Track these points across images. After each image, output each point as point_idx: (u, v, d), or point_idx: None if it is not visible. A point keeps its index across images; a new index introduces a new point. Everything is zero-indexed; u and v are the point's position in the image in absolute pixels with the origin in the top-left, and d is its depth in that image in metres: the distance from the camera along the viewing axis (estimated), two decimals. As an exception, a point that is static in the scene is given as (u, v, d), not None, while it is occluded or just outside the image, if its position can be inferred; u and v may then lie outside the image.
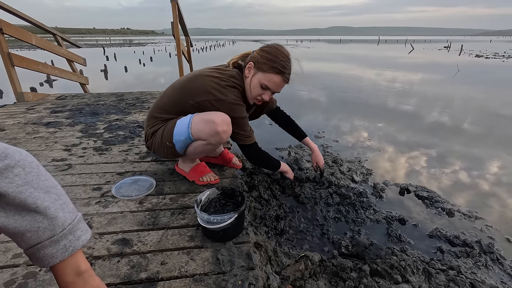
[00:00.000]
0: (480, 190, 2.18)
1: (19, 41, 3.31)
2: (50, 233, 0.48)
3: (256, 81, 1.19)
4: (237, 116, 1.20)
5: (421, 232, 1.66)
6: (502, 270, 1.39)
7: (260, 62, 1.17)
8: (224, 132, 1.15)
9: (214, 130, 1.13)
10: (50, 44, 3.66)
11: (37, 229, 0.46)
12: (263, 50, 1.19)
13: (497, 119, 4.12)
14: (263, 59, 1.16)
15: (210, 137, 1.16)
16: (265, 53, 1.17)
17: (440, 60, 14.76)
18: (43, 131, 2.14)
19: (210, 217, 0.97)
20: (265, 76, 1.17)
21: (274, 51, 1.17)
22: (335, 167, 2.40)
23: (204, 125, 1.15)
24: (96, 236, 1.02)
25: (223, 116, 1.15)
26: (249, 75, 1.21)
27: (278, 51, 1.18)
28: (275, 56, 1.16)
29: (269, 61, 1.15)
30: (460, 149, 2.98)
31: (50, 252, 0.48)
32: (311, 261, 1.25)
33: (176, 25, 3.38)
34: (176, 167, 1.50)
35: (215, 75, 1.20)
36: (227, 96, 1.17)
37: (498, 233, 1.68)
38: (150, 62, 13.73)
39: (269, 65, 1.15)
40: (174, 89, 1.29)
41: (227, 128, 1.15)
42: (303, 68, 1.23)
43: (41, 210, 0.46)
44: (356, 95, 5.86)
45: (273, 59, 1.15)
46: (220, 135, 1.14)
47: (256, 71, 1.19)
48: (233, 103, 1.18)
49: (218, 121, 1.13)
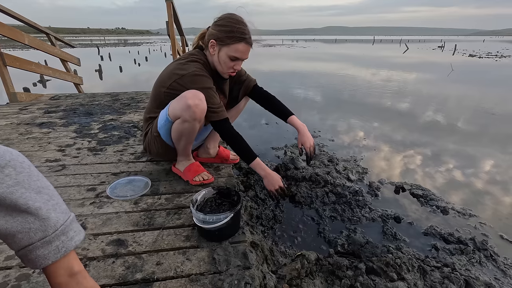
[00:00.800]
0: (474, 188, 2.21)
1: (12, 40, 3.27)
2: (42, 234, 0.47)
3: (223, 55, 1.22)
4: (201, 86, 1.19)
5: (416, 230, 1.68)
6: (496, 266, 1.41)
7: (220, 37, 1.19)
8: (196, 105, 1.14)
9: (186, 104, 1.14)
10: (44, 43, 3.62)
11: (28, 230, 0.46)
12: (218, 24, 1.21)
13: (490, 117, 4.17)
14: (222, 33, 1.18)
15: (183, 111, 1.16)
16: (221, 27, 1.19)
17: (434, 60, 14.90)
18: (36, 131, 2.12)
19: (206, 216, 0.96)
20: (229, 48, 1.20)
21: (228, 21, 1.19)
22: (331, 166, 2.41)
23: (177, 103, 1.19)
24: (90, 237, 1.01)
25: (194, 92, 1.16)
26: (215, 52, 1.23)
27: (232, 19, 1.19)
28: (231, 26, 1.17)
29: (228, 33, 1.17)
30: (454, 148, 3.01)
31: (42, 253, 0.48)
32: (307, 260, 1.25)
33: (171, 25, 3.36)
34: (172, 167, 1.49)
35: (176, 60, 1.28)
36: (188, 69, 1.20)
37: (491, 230, 1.70)
38: (145, 62, 13.65)
39: (229, 36, 1.18)
40: (152, 88, 1.37)
41: (198, 102, 1.14)
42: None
43: (33, 210, 0.46)
44: (351, 94, 5.89)
45: (231, 29, 1.17)
46: (192, 109, 1.14)
47: (220, 46, 1.21)
48: (195, 74, 1.20)
49: (189, 95, 1.15)
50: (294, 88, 6.30)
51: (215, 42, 1.21)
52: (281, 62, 13.42)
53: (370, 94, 5.85)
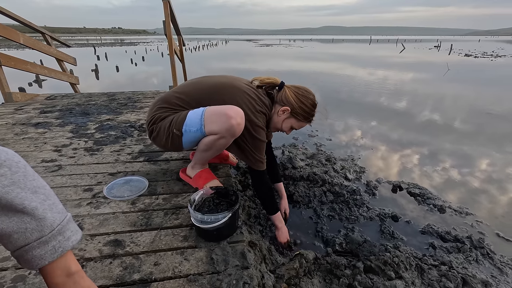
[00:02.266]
0: (470, 187, 2.22)
1: (7, 40, 3.24)
2: (38, 234, 0.47)
3: (288, 124, 1.30)
4: (259, 138, 1.20)
5: (413, 229, 1.68)
6: (492, 264, 1.42)
7: (297, 113, 1.25)
8: (239, 124, 1.12)
9: (229, 123, 1.11)
10: (39, 43, 3.58)
11: (24, 230, 0.45)
12: (300, 100, 1.24)
13: (486, 116, 4.21)
14: (301, 110, 1.25)
15: (224, 130, 1.13)
16: (302, 104, 1.24)
17: (430, 59, 14.99)
18: (32, 131, 2.10)
19: (204, 216, 0.96)
20: (298, 123, 1.30)
21: (310, 103, 1.26)
22: (329, 165, 2.41)
23: (217, 118, 1.13)
24: (87, 238, 1.00)
25: (236, 109, 1.13)
26: (283, 116, 1.28)
27: (313, 103, 1.27)
28: (310, 110, 1.26)
29: (305, 113, 1.26)
30: (450, 147, 3.03)
31: (39, 253, 0.47)
32: (305, 259, 1.26)
33: (168, 24, 3.35)
34: (180, 174, 1.44)
35: (251, 95, 1.22)
36: (258, 120, 1.20)
37: (488, 228, 1.71)
38: (142, 61, 13.59)
39: (304, 116, 1.27)
40: (202, 89, 1.26)
41: (241, 121, 1.13)
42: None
43: (29, 210, 0.45)
44: (348, 94, 5.91)
45: (309, 112, 1.26)
46: (234, 128, 1.12)
47: (291, 116, 1.27)
48: (260, 127, 1.21)
49: (232, 114, 1.11)
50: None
51: (289, 111, 1.25)
52: (279, 62, 13.42)
53: (367, 94, 5.87)
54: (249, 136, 1.19)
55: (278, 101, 1.27)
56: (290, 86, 1.29)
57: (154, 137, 1.28)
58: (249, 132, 1.18)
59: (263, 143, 1.23)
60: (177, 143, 1.23)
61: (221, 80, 1.27)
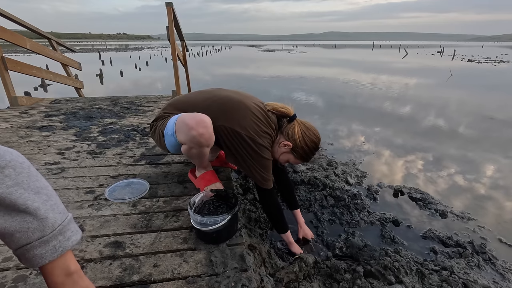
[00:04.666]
0: (473, 192, 2.21)
1: (15, 46, 3.30)
2: (40, 234, 0.48)
3: (286, 158, 1.27)
4: (264, 156, 1.17)
5: (414, 233, 1.68)
6: (494, 270, 1.40)
7: (297, 151, 1.23)
8: (201, 135, 1.09)
9: (190, 135, 1.10)
10: (45, 48, 3.65)
11: (26, 229, 0.47)
12: (305, 140, 1.21)
13: (490, 122, 4.19)
14: (301, 150, 1.22)
15: (188, 141, 1.13)
16: (305, 145, 1.22)
17: (433, 65, 14.98)
18: (36, 135, 2.13)
19: (203, 218, 0.97)
20: (295, 160, 1.27)
21: (313, 146, 1.23)
22: (330, 170, 2.41)
23: (182, 127, 1.13)
24: (88, 239, 1.01)
25: (199, 119, 1.10)
26: (283, 149, 1.25)
27: (316, 146, 1.24)
28: (311, 152, 1.24)
29: (304, 154, 1.23)
30: (453, 152, 3.01)
31: (40, 252, 0.48)
32: (305, 263, 1.25)
33: (171, 30, 3.39)
34: (189, 173, 1.47)
35: (258, 115, 1.19)
36: (262, 140, 1.17)
37: (490, 233, 1.70)
38: (146, 67, 13.73)
39: (303, 156, 1.25)
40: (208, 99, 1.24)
41: (203, 131, 1.09)
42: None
43: (31, 211, 0.47)
44: (351, 99, 5.91)
45: (308, 153, 1.24)
46: (197, 139, 1.10)
47: (290, 152, 1.25)
48: (264, 146, 1.18)
49: (192, 124, 1.09)
50: (295, 93, 6.32)
51: (290, 147, 1.22)
52: (282, 67, 13.50)
53: (369, 99, 5.87)
54: (255, 154, 1.15)
55: (284, 132, 1.24)
56: (300, 122, 1.24)
57: (152, 133, 1.35)
58: (254, 151, 1.15)
59: (269, 162, 1.21)
60: (163, 143, 1.27)
61: (231, 95, 1.25)
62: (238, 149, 1.16)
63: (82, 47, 42.06)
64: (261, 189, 1.24)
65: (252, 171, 1.18)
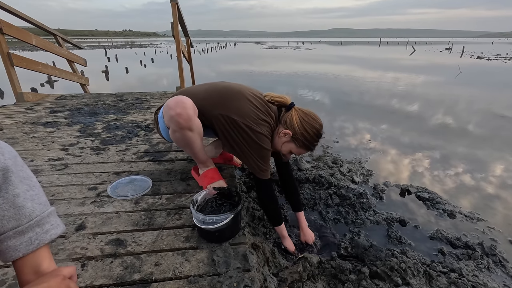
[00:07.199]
0: (482, 192, 2.15)
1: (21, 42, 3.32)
2: (15, 223, 0.45)
3: (288, 148, 1.22)
4: (262, 145, 1.15)
5: (422, 234, 1.64)
6: (505, 272, 1.36)
7: (298, 139, 1.18)
8: (178, 115, 1.10)
9: (169, 115, 1.13)
10: (51, 44, 3.66)
11: (1, 217, 0.44)
12: (305, 126, 1.16)
13: (500, 120, 4.09)
14: (302, 137, 1.17)
15: (169, 122, 1.16)
16: (305, 131, 1.16)
17: (441, 62, 14.73)
18: (41, 130, 2.13)
19: (206, 217, 0.95)
20: (298, 149, 1.21)
21: (314, 132, 1.17)
22: (335, 168, 2.38)
23: (165, 109, 1.17)
24: (90, 237, 1.00)
25: (178, 99, 1.12)
26: (283, 138, 1.21)
27: (317, 132, 1.18)
28: (312, 138, 1.17)
29: (306, 141, 1.17)
30: (461, 151, 2.95)
31: (14, 244, 0.45)
32: (309, 263, 1.23)
33: (176, 26, 3.37)
34: (192, 170, 1.47)
35: (256, 104, 1.18)
36: (260, 128, 1.15)
37: (500, 235, 1.65)
38: (151, 63, 13.77)
39: (305, 144, 1.18)
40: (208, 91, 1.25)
41: (181, 111, 1.10)
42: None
43: (10, 196, 0.44)
44: (357, 96, 5.84)
45: (310, 140, 1.17)
46: (175, 118, 1.11)
47: (291, 141, 1.20)
48: (262, 133, 1.15)
49: (172, 105, 1.12)
50: (301, 90, 6.27)
51: (290, 135, 1.17)
52: (288, 64, 13.41)
53: (376, 96, 5.79)
54: (252, 142, 1.13)
55: (282, 122, 1.21)
56: (298, 109, 1.20)
57: (154, 122, 1.39)
58: (251, 138, 1.13)
59: (267, 152, 1.18)
60: (158, 129, 1.32)
61: (231, 85, 1.26)
62: (234, 137, 1.15)
63: (88, 44, 42.38)
64: (258, 180, 1.23)
65: (249, 160, 1.17)
